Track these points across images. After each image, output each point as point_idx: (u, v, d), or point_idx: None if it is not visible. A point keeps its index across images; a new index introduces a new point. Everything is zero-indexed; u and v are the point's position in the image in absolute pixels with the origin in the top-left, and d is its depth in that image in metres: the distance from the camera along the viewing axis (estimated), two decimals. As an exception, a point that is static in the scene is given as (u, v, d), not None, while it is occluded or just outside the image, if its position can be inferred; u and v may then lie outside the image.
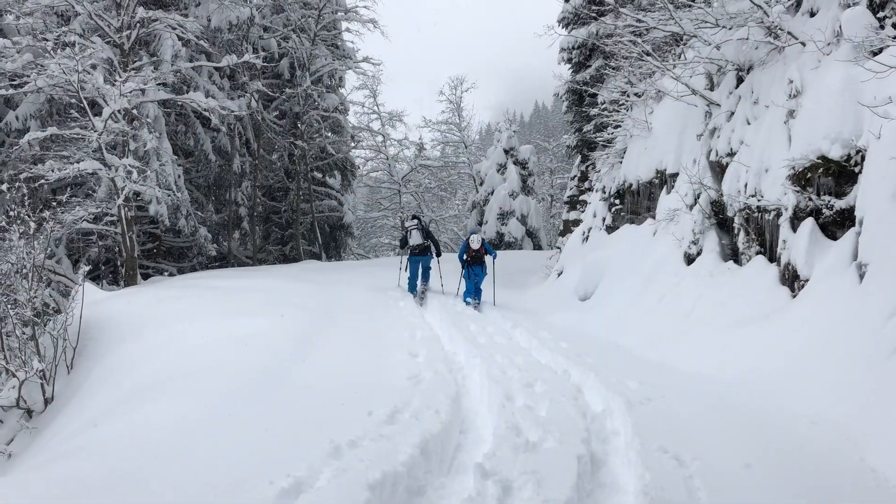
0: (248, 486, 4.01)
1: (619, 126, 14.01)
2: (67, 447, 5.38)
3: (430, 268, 13.38)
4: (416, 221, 13.37)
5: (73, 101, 14.41)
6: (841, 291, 6.36)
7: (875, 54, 6.89)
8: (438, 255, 13.58)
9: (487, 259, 13.15)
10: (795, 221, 7.54)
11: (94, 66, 14.65)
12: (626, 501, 4.23)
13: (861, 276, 6.17)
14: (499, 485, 4.21)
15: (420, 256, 13.14)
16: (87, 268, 10.22)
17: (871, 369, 5.32)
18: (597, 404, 6.11)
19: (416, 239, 13.08)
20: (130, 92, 14.40)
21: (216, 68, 20.56)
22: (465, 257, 12.92)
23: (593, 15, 17.20)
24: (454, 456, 5.05)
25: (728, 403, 6.00)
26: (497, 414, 5.68)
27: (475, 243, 12.83)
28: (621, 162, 13.97)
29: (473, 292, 12.75)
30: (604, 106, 14.84)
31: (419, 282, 13.22)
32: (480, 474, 4.34)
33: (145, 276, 17.81)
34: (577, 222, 18.80)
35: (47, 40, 14.19)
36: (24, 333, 8.34)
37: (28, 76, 14.07)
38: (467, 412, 6.03)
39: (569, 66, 20.87)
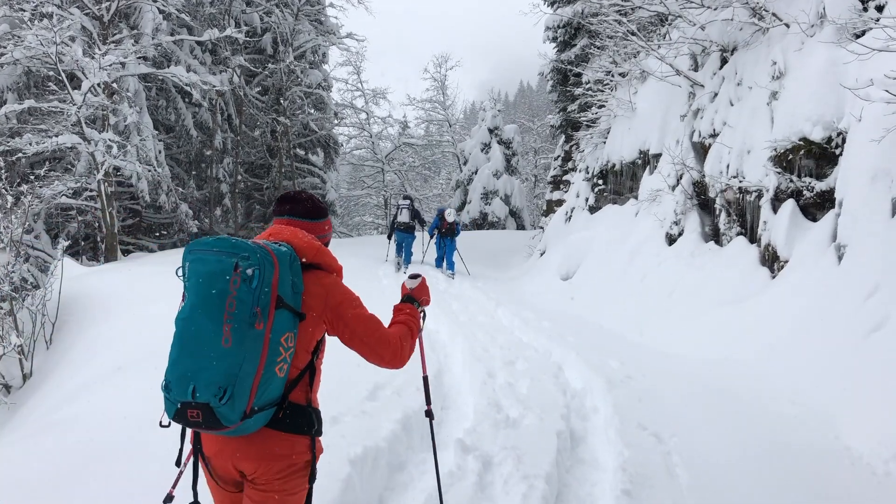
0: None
1: (604, 106, 13.98)
2: (49, 421, 5.34)
3: (411, 244, 14.48)
4: (408, 202, 14.58)
5: (52, 73, 14.16)
6: (820, 272, 6.43)
7: (858, 36, 6.92)
8: (423, 223, 14.60)
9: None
10: (776, 203, 7.59)
11: (72, 39, 14.39)
12: (604, 477, 4.28)
13: (840, 258, 6.24)
14: (479, 460, 4.25)
15: (405, 233, 14.25)
16: (67, 243, 10.11)
17: (849, 349, 5.39)
18: (577, 382, 6.16)
19: (404, 217, 14.24)
20: (110, 65, 14.19)
21: (198, 42, 20.27)
22: (438, 228, 14.32)
23: (579, -7, 17.10)
24: (435, 432, 5.07)
25: (708, 382, 6.07)
26: (479, 391, 5.72)
27: (450, 217, 14.15)
28: (605, 142, 13.97)
29: (444, 262, 14.19)
30: (588, 86, 14.81)
31: (402, 256, 14.36)
32: (461, 450, 4.37)
33: (126, 253, 17.62)
34: (560, 202, 18.84)
35: (24, 10, 13.90)
36: (1, 308, 8.25)
37: (4, 47, 13.80)
38: (449, 389, 6.07)
39: (554, 45, 20.77)
